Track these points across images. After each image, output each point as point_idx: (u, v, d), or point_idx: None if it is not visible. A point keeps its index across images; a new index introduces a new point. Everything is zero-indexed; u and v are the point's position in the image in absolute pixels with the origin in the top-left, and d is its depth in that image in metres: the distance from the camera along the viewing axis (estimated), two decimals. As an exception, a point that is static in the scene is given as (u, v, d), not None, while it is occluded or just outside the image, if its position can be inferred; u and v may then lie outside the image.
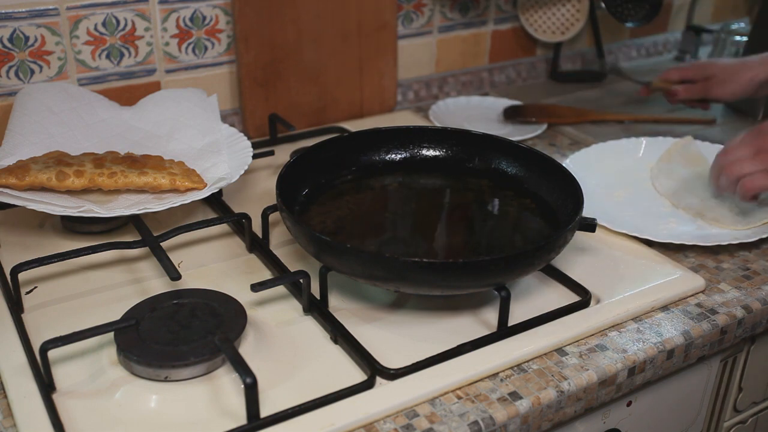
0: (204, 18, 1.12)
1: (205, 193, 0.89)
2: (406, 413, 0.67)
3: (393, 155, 0.98)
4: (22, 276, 0.79)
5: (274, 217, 0.90)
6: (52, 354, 0.68)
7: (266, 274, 0.85)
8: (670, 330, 0.79)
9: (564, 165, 0.92)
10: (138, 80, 1.11)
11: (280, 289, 0.82)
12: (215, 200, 0.98)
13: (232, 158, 0.96)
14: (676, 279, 0.85)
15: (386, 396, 0.67)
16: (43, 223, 0.94)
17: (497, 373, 0.72)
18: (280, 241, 0.90)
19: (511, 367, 0.73)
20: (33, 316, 0.77)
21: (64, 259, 0.80)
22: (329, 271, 0.77)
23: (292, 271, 0.81)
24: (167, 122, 1.02)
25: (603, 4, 1.37)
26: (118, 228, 0.93)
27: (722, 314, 0.81)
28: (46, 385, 0.67)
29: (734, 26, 1.52)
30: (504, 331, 0.75)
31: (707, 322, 0.80)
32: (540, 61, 1.48)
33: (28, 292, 0.81)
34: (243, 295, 0.78)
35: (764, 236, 0.91)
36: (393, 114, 1.29)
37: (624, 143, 1.11)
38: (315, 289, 0.78)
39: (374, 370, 0.69)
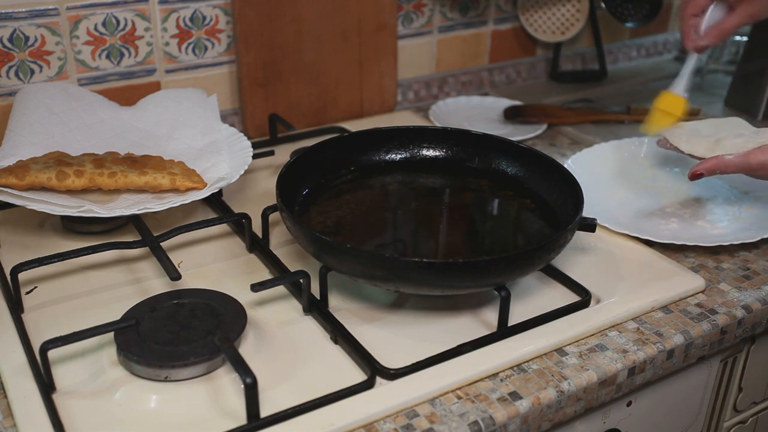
0: (204, 18, 1.12)
1: (205, 193, 0.89)
2: (406, 413, 0.67)
3: (393, 155, 0.98)
4: (22, 276, 0.79)
5: (274, 217, 0.90)
6: (52, 354, 0.68)
7: (266, 274, 0.85)
8: (670, 330, 0.79)
9: (565, 165, 0.92)
10: (138, 80, 1.11)
11: (280, 289, 0.82)
12: (215, 200, 0.98)
13: (232, 158, 0.96)
14: (676, 279, 0.85)
15: (386, 396, 0.67)
16: (43, 223, 0.94)
17: (497, 373, 0.72)
18: (280, 241, 0.90)
19: (511, 367, 0.73)
20: (33, 316, 0.77)
21: (64, 259, 0.80)
22: (329, 271, 0.77)
23: (292, 271, 0.81)
24: (167, 122, 1.02)
25: (603, 4, 1.37)
26: (118, 228, 0.93)
27: (722, 314, 0.81)
28: (46, 385, 0.67)
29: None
30: (504, 331, 0.75)
31: (707, 322, 0.80)
32: (540, 61, 1.48)
33: (28, 292, 0.81)
34: (243, 295, 0.78)
35: (765, 236, 0.90)
36: (393, 114, 1.29)
37: (624, 143, 1.11)
38: (315, 289, 0.78)
39: (374, 370, 0.69)
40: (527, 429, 0.70)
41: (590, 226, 0.83)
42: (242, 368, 0.64)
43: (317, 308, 0.77)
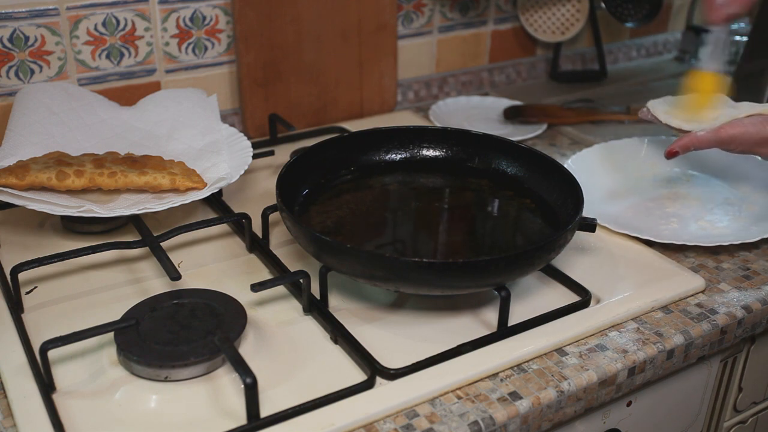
0: (204, 18, 1.12)
1: (205, 193, 0.89)
2: (406, 413, 0.67)
3: (393, 155, 0.98)
4: (22, 276, 0.79)
5: (274, 217, 0.90)
6: (52, 354, 0.68)
7: (266, 274, 0.85)
8: (670, 330, 0.79)
9: (565, 165, 0.92)
10: (138, 80, 1.11)
11: (280, 289, 0.82)
12: (215, 200, 0.98)
13: (232, 158, 0.96)
14: (676, 279, 0.85)
15: (386, 396, 0.67)
16: (43, 223, 0.94)
17: (497, 373, 0.72)
18: (280, 241, 0.90)
19: (511, 367, 0.73)
20: (33, 316, 0.77)
21: (64, 259, 0.80)
22: (329, 271, 0.77)
23: (292, 271, 0.81)
24: (167, 122, 1.02)
25: (603, 4, 1.37)
26: (118, 228, 0.93)
27: (722, 314, 0.81)
28: (46, 385, 0.67)
29: (734, 26, 1.52)
30: (504, 331, 0.75)
31: (707, 322, 0.80)
32: (540, 61, 1.48)
33: (28, 292, 0.81)
34: (243, 295, 0.78)
35: (765, 236, 0.90)
36: (393, 114, 1.29)
37: (624, 143, 1.11)
38: (315, 289, 0.78)
39: (374, 370, 0.69)
40: (527, 429, 0.70)
41: (590, 226, 0.83)
42: (242, 368, 0.64)
43: (317, 308, 0.77)
